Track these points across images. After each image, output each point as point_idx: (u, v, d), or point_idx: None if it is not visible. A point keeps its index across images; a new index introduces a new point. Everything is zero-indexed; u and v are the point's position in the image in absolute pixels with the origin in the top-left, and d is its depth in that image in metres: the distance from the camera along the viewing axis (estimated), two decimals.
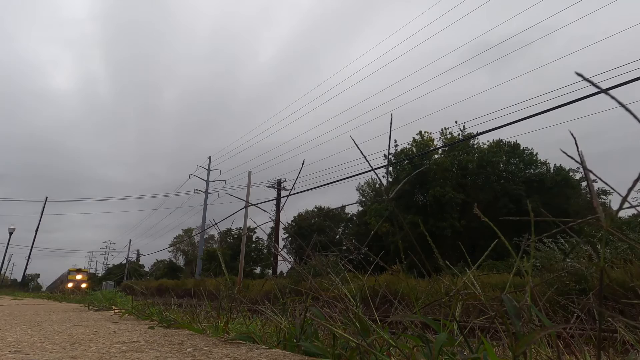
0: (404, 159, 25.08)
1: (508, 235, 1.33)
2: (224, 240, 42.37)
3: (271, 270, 29.94)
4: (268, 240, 36.25)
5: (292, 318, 1.80)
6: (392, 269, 2.72)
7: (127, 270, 54.47)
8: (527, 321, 0.98)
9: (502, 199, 23.54)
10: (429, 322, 1.20)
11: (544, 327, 0.93)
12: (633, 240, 0.90)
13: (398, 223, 13.60)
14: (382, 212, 24.09)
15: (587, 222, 0.91)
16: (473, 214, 1.15)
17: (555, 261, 7.80)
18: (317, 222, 37.54)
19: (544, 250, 8.16)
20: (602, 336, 0.88)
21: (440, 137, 26.07)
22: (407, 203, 24.57)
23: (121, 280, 48.22)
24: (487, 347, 1.01)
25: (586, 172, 0.88)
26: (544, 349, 1.35)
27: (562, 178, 24.29)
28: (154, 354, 1.48)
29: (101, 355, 1.45)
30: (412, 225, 20.57)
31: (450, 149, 25.66)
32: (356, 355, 1.26)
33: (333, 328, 1.35)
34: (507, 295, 0.99)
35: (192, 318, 2.52)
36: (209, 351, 1.53)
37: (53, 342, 1.83)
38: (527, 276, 1.12)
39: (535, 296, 1.14)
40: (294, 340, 1.57)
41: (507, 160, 26.20)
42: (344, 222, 40.07)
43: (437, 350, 1.03)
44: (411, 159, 24.60)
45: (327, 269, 1.83)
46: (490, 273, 11.82)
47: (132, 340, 1.88)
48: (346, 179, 28.20)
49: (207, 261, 34.79)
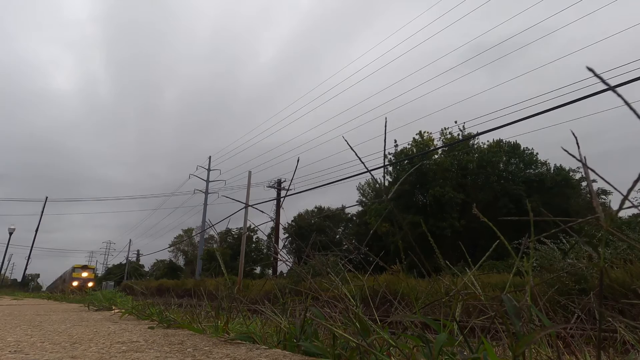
0: (404, 159, 25.08)
1: (508, 236, 1.33)
2: (223, 240, 42.34)
3: (271, 270, 29.94)
4: (268, 241, 36.24)
5: (292, 318, 1.80)
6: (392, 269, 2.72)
7: (127, 270, 54.45)
8: (527, 321, 0.98)
9: (502, 199, 23.54)
10: (429, 322, 1.20)
11: (544, 327, 0.93)
12: (633, 239, 0.90)
13: (397, 223, 13.61)
14: (382, 212, 24.08)
15: (587, 222, 0.91)
16: (473, 214, 1.15)
17: (555, 261, 7.79)
18: (317, 222, 37.53)
19: (543, 250, 8.15)
20: (602, 336, 0.88)
21: (440, 137, 26.09)
22: (407, 203, 24.56)
23: (121, 280, 48.10)
24: (487, 347, 1.01)
25: (587, 172, 0.88)
26: (544, 349, 1.35)
27: (562, 178, 24.29)
28: (154, 354, 1.48)
29: (101, 355, 1.44)
30: (412, 225, 20.58)
31: (450, 149, 25.66)
32: (356, 355, 1.26)
33: (333, 328, 1.35)
34: (507, 295, 0.99)
35: (192, 318, 2.52)
36: (209, 351, 1.53)
37: (53, 342, 1.83)
38: (527, 276, 1.12)
39: (535, 296, 1.14)
40: (294, 340, 1.57)
41: (507, 160, 26.20)
42: (344, 222, 40.06)
43: (437, 350, 1.03)
44: (411, 159, 24.59)
45: (327, 269, 1.83)
46: (490, 273, 11.82)
47: (132, 340, 1.88)
48: (346, 179, 28.21)
49: (207, 261, 34.78)
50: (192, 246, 58.91)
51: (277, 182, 28.27)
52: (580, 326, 1.73)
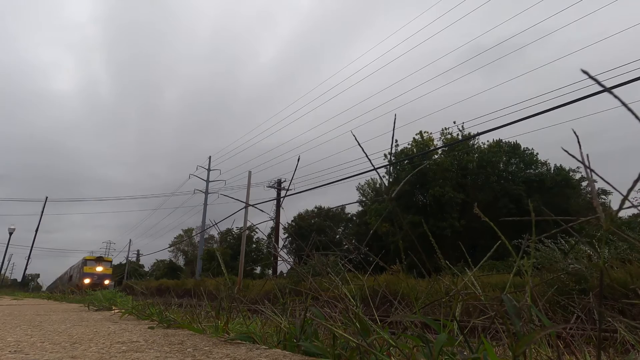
0: (404, 159, 25.09)
1: (508, 236, 1.32)
2: (224, 240, 42.31)
3: (271, 270, 29.93)
4: (268, 241, 36.27)
5: (292, 318, 1.80)
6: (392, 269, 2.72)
7: (127, 270, 54.42)
8: (527, 321, 0.98)
9: (502, 199, 23.54)
10: (429, 322, 1.20)
11: (544, 327, 0.93)
12: (633, 238, 0.90)
13: (398, 223, 13.61)
14: (382, 212, 24.08)
15: (587, 221, 0.91)
16: (473, 214, 1.15)
17: (555, 261, 7.79)
18: (317, 222, 37.54)
19: (544, 250, 8.15)
20: (602, 336, 0.88)
21: (440, 137, 26.10)
22: (407, 203, 24.57)
23: (121, 280, 47.93)
24: (487, 347, 1.01)
25: (587, 172, 0.88)
26: (544, 349, 1.35)
27: (563, 178, 24.28)
28: (154, 354, 1.48)
29: (101, 355, 1.44)
30: (412, 225, 20.59)
31: (450, 149, 25.66)
32: (356, 355, 1.26)
33: (333, 328, 1.35)
34: (507, 295, 0.99)
35: (192, 318, 2.52)
36: (209, 351, 1.53)
37: (53, 342, 1.83)
38: (527, 276, 1.12)
39: (535, 296, 1.14)
40: (294, 340, 1.57)
41: (507, 160, 26.20)
42: (344, 222, 40.06)
43: (437, 350, 1.02)
44: (411, 159, 24.60)
45: (327, 269, 1.83)
46: (490, 273, 11.82)
47: (132, 340, 1.88)
48: (346, 179, 28.20)
49: (207, 261, 34.78)
50: (192, 246, 58.92)
51: (277, 182, 28.27)
52: (580, 326, 1.73)
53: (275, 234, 24.96)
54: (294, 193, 18.88)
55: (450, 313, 1.34)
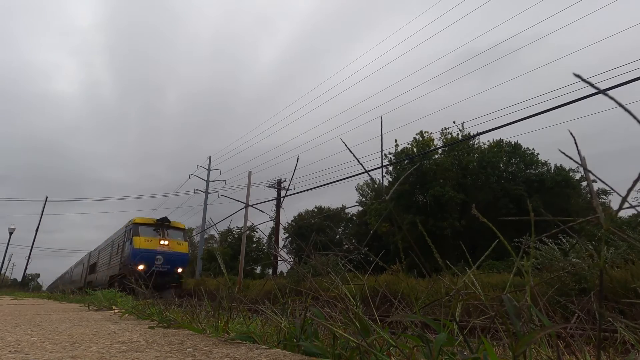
0: (404, 159, 25.08)
1: (508, 236, 1.33)
2: (224, 240, 42.28)
3: (271, 270, 29.93)
4: (268, 240, 36.26)
5: (292, 318, 1.80)
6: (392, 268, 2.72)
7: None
8: (527, 321, 0.98)
9: (502, 199, 23.54)
10: (429, 322, 1.20)
11: (544, 327, 0.93)
12: (633, 238, 0.90)
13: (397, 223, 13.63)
14: (382, 212, 24.07)
15: (587, 221, 0.91)
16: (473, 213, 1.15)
17: (555, 261, 7.79)
18: (317, 222, 37.54)
19: (544, 250, 8.15)
20: (602, 336, 0.88)
21: (440, 137, 26.09)
22: (407, 203, 24.57)
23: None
24: (487, 347, 1.01)
25: (586, 173, 0.88)
26: (544, 349, 1.35)
27: (563, 178, 24.28)
28: (154, 353, 1.48)
29: (101, 355, 1.44)
30: (412, 225, 20.59)
31: (450, 149, 25.66)
32: (356, 355, 1.26)
33: (333, 328, 1.35)
34: (507, 295, 0.99)
35: (192, 318, 2.52)
36: (209, 351, 1.53)
37: (53, 342, 1.83)
38: (527, 276, 1.12)
39: (535, 296, 1.14)
40: (294, 340, 1.57)
41: (508, 160, 26.21)
42: (344, 222, 40.08)
43: (437, 350, 1.02)
44: (411, 159, 24.59)
45: (327, 269, 1.83)
46: (490, 273, 11.81)
47: (132, 340, 1.88)
48: (346, 179, 28.22)
49: (207, 261, 34.79)
50: (192, 246, 58.92)
51: (277, 182, 28.27)
52: (580, 326, 1.73)
53: (275, 234, 24.96)
54: (294, 193, 18.88)
55: (450, 313, 1.34)
